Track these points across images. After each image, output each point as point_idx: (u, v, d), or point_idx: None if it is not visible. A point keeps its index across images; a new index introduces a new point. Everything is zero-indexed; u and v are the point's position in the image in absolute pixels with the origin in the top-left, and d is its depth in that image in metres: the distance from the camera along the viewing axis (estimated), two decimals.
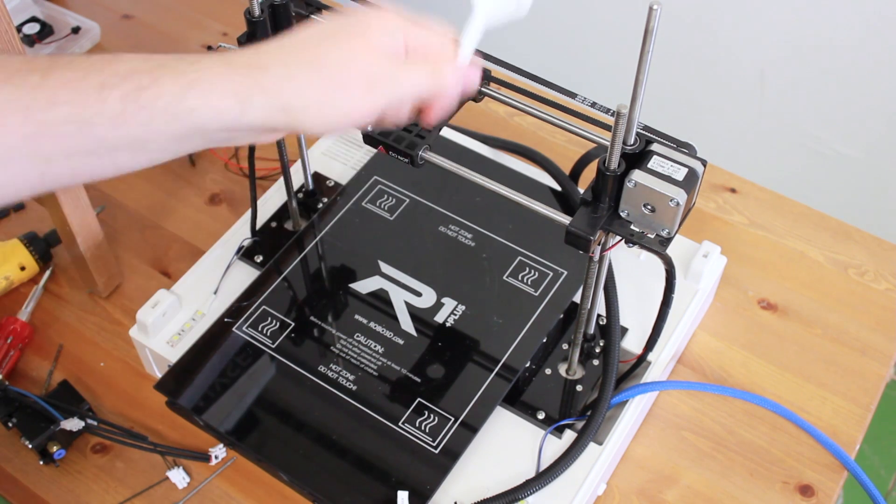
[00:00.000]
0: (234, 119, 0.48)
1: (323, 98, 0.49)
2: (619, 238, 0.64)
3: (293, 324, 0.81)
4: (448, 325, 0.81)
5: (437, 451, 0.73)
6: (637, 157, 0.61)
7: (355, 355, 0.79)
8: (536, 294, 0.83)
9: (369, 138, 0.67)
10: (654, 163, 0.60)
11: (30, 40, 1.15)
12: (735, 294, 0.91)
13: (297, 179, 0.92)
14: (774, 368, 0.85)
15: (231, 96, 0.48)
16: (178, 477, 0.79)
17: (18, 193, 0.48)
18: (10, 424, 0.79)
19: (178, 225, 0.98)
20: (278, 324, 0.81)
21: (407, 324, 0.81)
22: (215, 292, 0.85)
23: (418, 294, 0.83)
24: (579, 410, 0.77)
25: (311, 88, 0.49)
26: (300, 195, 0.92)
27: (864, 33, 1.31)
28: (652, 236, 0.62)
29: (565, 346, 0.81)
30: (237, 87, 0.48)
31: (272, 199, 0.92)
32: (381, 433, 0.74)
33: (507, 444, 0.75)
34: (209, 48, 0.73)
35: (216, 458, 0.79)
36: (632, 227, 0.62)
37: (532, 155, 0.95)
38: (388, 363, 0.78)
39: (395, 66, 0.51)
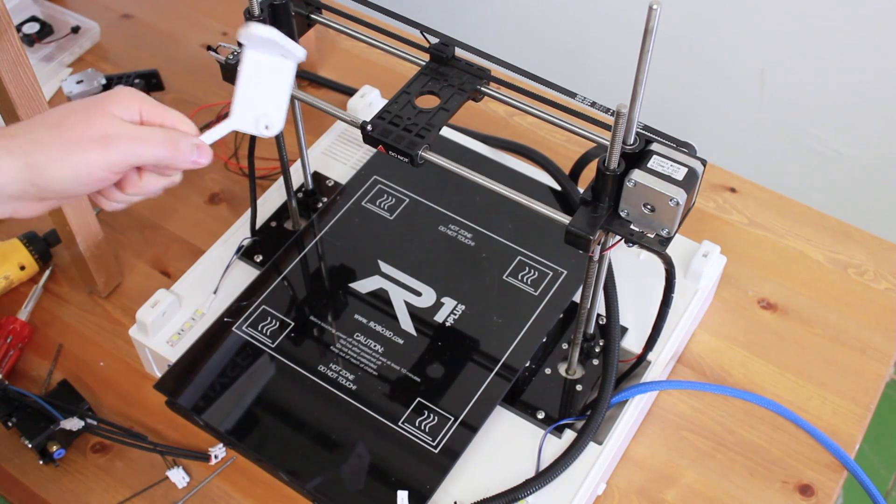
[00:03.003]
0: None
1: (63, 154, 0.53)
2: (618, 238, 0.64)
3: (293, 323, 0.81)
4: (448, 324, 0.81)
5: (436, 451, 0.73)
6: (637, 157, 0.61)
7: (355, 355, 0.79)
8: (536, 294, 0.83)
9: (369, 138, 0.67)
10: (654, 162, 0.60)
11: (30, 40, 1.15)
12: (735, 294, 0.91)
13: (297, 179, 0.92)
14: (774, 368, 0.86)
15: None
16: (177, 477, 0.79)
17: None
18: (9, 424, 0.79)
19: (177, 224, 0.98)
20: (278, 323, 0.81)
21: (407, 323, 0.81)
22: (215, 292, 0.85)
23: (418, 294, 0.83)
24: (579, 410, 0.77)
25: (53, 147, 0.53)
26: (300, 195, 0.92)
27: (864, 33, 1.31)
28: (652, 236, 0.62)
29: (565, 346, 0.81)
30: None
31: (272, 199, 0.92)
32: (380, 433, 0.74)
33: (506, 444, 0.75)
34: (209, 48, 0.73)
35: (216, 457, 0.79)
36: (631, 226, 0.62)
37: (532, 155, 0.95)
38: (388, 363, 0.78)
39: (130, 127, 0.56)
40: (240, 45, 0.60)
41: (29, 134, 0.54)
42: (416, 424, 0.75)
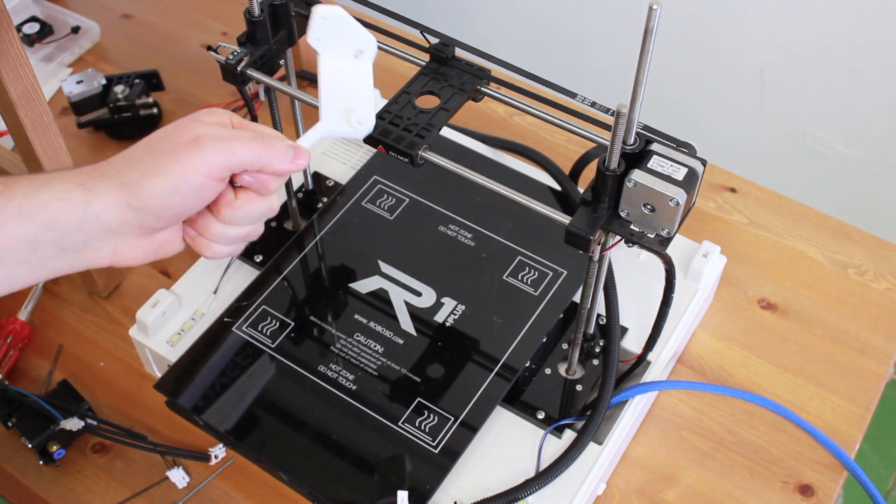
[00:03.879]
0: (81, 208, 0.51)
1: (156, 165, 0.52)
2: (618, 238, 0.64)
3: (293, 323, 0.81)
4: (448, 324, 0.81)
5: (436, 451, 0.73)
6: (637, 157, 0.61)
7: (355, 355, 0.79)
8: (536, 294, 0.83)
9: (369, 138, 0.67)
10: (654, 162, 0.60)
11: (30, 40, 1.15)
12: (735, 294, 0.91)
13: (297, 179, 0.92)
14: (774, 368, 0.86)
15: (77, 186, 0.51)
16: (177, 477, 0.79)
17: None
18: (9, 424, 0.80)
19: None
20: (278, 323, 0.81)
21: (407, 323, 0.81)
22: (215, 292, 0.85)
23: (418, 294, 0.83)
24: (579, 410, 0.77)
25: (145, 161, 0.52)
26: (300, 195, 0.92)
27: (864, 33, 1.31)
28: (652, 236, 0.62)
29: (565, 346, 0.81)
30: (83, 179, 0.51)
31: None
32: (380, 433, 0.74)
33: (506, 444, 0.75)
34: (209, 48, 0.73)
35: (216, 457, 0.79)
36: (632, 226, 0.62)
37: (532, 155, 0.95)
38: (388, 363, 0.78)
39: (221, 129, 0.54)
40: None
41: (123, 158, 0.52)
42: (417, 424, 0.75)
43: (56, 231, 0.51)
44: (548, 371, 0.80)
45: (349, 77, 0.60)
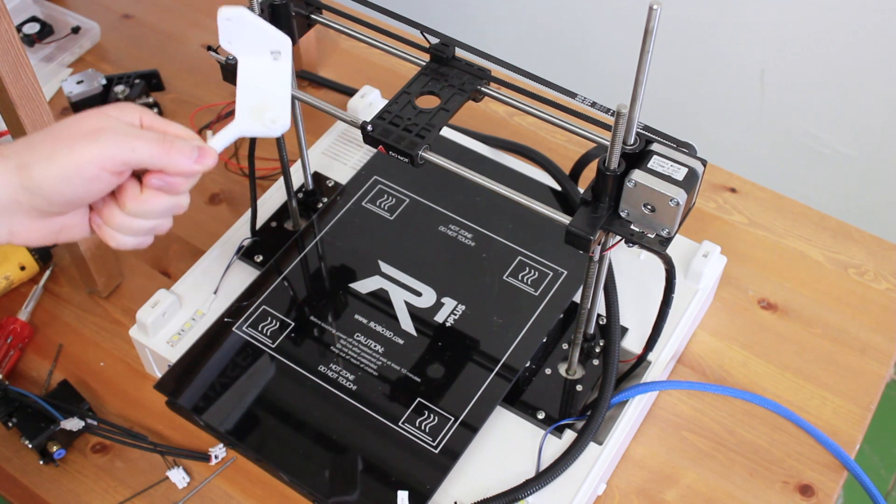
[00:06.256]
0: None
1: (52, 150, 0.51)
2: (619, 238, 0.64)
3: (293, 324, 0.81)
4: (448, 324, 0.81)
5: (436, 451, 0.73)
6: (637, 157, 0.61)
7: (355, 355, 0.79)
8: (536, 294, 0.83)
9: (369, 138, 0.67)
10: (654, 163, 0.60)
11: (30, 40, 1.15)
12: (735, 294, 0.91)
13: (297, 179, 0.92)
14: (774, 368, 0.86)
15: None
16: (178, 477, 0.79)
17: None
18: (10, 424, 0.80)
19: (177, 225, 0.96)
20: (278, 324, 0.81)
21: (407, 324, 0.81)
22: (215, 292, 0.85)
23: (418, 294, 0.83)
24: (579, 410, 0.77)
25: (43, 145, 0.52)
26: (300, 195, 0.92)
27: (864, 33, 1.31)
28: (652, 236, 0.62)
29: (565, 346, 0.81)
30: None
31: (272, 199, 0.92)
32: (381, 433, 0.74)
33: (507, 444, 0.75)
34: (209, 48, 0.73)
35: (216, 457, 0.79)
36: (632, 226, 0.62)
37: (532, 155, 0.95)
38: (388, 363, 0.78)
39: (125, 125, 0.54)
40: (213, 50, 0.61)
41: (25, 141, 0.53)
42: (417, 424, 0.75)
43: None
44: (548, 371, 0.80)
45: (265, 77, 0.61)
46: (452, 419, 0.75)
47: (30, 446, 0.78)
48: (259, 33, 0.60)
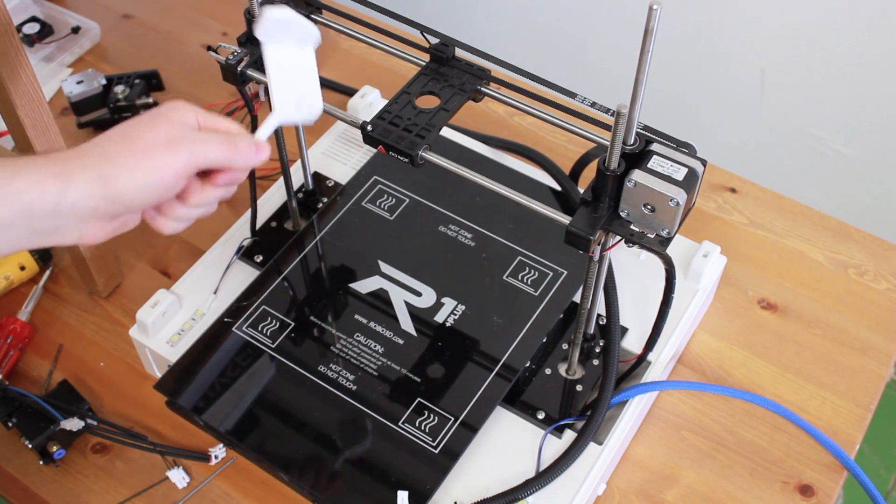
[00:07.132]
0: (56, 197, 0.53)
1: (132, 161, 0.55)
2: (619, 238, 0.64)
3: (293, 324, 0.81)
4: (448, 325, 0.81)
5: (436, 451, 0.73)
6: (637, 157, 0.61)
7: (355, 355, 0.79)
8: (536, 294, 0.83)
9: (369, 138, 0.67)
10: (654, 163, 0.60)
11: (30, 40, 1.15)
12: (735, 294, 0.91)
13: (297, 179, 0.92)
14: (774, 368, 0.86)
15: (52, 176, 0.53)
16: (178, 477, 0.79)
17: None
18: (10, 424, 0.80)
19: None
20: (278, 324, 0.81)
21: (407, 324, 0.81)
22: (215, 292, 0.85)
23: (418, 294, 0.83)
24: (579, 410, 0.77)
25: (122, 156, 0.55)
26: (300, 195, 0.92)
27: (864, 33, 1.31)
28: (652, 236, 0.62)
29: (565, 346, 0.81)
30: (59, 169, 0.53)
31: (272, 199, 0.92)
32: (381, 433, 0.74)
33: (507, 444, 0.75)
34: (209, 48, 0.73)
35: (216, 458, 0.79)
36: (632, 226, 0.62)
37: (532, 155, 0.95)
38: (388, 363, 0.78)
39: (191, 130, 0.58)
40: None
41: (98, 150, 0.55)
42: (417, 425, 0.75)
43: (30, 217, 0.53)
44: (548, 371, 0.80)
45: (298, 67, 0.63)
46: (452, 419, 0.75)
47: (30, 446, 0.78)
48: (294, 26, 0.61)
